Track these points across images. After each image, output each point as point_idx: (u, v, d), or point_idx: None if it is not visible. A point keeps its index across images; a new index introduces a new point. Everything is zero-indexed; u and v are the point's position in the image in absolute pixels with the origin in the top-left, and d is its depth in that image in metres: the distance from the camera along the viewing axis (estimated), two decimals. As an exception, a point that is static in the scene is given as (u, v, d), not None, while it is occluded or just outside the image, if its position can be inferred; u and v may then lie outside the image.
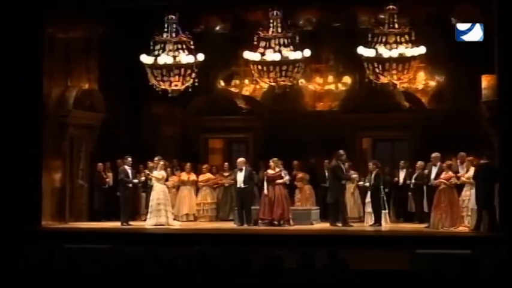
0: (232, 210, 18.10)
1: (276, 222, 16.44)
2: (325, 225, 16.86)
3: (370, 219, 16.64)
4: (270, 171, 16.80)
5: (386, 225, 16.46)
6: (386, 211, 16.73)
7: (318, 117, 20.18)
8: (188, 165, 18.73)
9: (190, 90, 17.22)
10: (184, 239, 14.44)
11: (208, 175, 18.77)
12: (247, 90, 20.96)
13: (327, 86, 20.55)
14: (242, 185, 16.91)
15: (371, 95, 18.97)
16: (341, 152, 16.62)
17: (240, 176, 16.97)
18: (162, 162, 17.31)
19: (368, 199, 16.76)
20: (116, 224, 16.99)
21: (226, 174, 18.86)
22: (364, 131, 20.28)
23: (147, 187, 17.96)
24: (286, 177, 16.89)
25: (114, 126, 19.14)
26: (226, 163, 19.31)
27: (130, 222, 17.21)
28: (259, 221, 16.53)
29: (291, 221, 16.59)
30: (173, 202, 17.89)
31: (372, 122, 19.73)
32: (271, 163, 16.77)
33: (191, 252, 8.59)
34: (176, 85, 17.09)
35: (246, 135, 21.08)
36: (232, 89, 21.03)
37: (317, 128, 19.66)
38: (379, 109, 19.43)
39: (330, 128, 19.58)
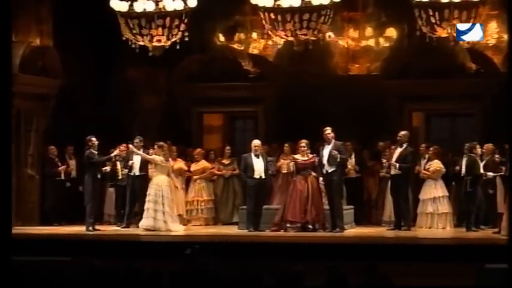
0: (236, 210, 18.09)
1: (310, 226, 16.47)
2: (362, 230, 16.85)
3: (425, 222, 16.66)
4: (299, 157, 16.70)
5: (446, 229, 16.49)
6: (449, 211, 16.76)
7: (352, 83, 20.28)
8: (175, 149, 18.71)
9: (178, 47, 17.18)
10: (171, 248, 14.38)
11: (204, 163, 18.80)
12: (255, 48, 21.05)
13: (364, 42, 20.67)
14: (263, 175, 17.05)
15: (424, 54, 19.04)
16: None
17: (259, 164, 17.03)
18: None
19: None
20: (79, 229, 17.12)
21: (226, 162, 18.82)
22: (414, 103, 20.47)
23: (115, 180, 17.91)
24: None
25: (75, 95, 19.20)
26: (228, 147, 19.28)
27: (97, 227, 17.25)
28: (288, 225, 16.53)
29: (327, 224, 16.59)
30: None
31: (425, 90, 19.89)
32: (303, 146, 16.65)
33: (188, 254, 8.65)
34: (159, 40, 17.06)
35: (254, 109, 21.28)
36: (236, 46, 21.09)
37: (350, 98, 19.68)
38: (435, 73, 19.53)
39: (368, 98, 19.67)
